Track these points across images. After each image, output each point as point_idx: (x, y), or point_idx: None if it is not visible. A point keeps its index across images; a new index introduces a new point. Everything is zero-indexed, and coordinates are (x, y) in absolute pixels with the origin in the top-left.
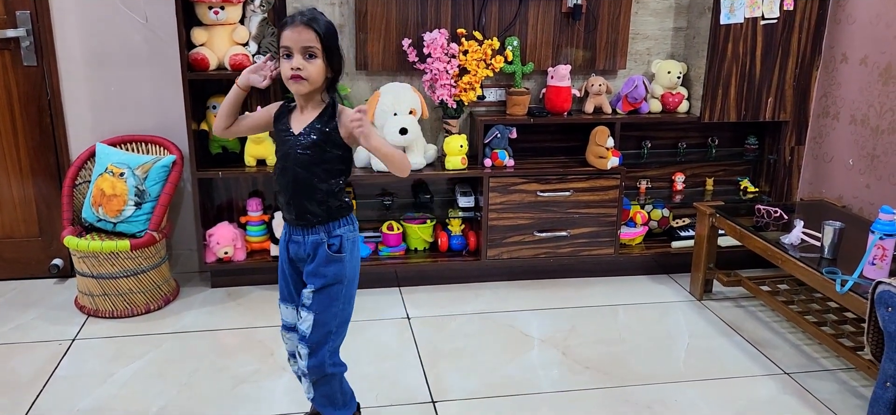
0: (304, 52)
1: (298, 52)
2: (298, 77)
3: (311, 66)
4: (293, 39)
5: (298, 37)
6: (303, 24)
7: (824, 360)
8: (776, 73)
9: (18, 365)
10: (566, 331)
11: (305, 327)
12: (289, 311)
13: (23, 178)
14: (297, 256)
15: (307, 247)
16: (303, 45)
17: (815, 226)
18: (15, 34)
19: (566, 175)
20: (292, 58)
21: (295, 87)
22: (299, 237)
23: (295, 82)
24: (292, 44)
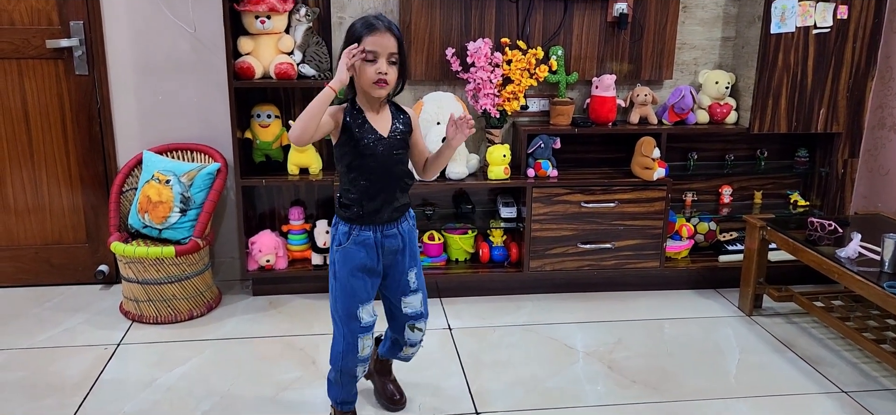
0: (389, 58)
1: (384, 57)
2: (383, 82)
3: (393, 72)
4: (381, 45)
5: (385, 43)
6: (388, 31)
7: (884, 379)
8: (829, 84)
9: (65, 368)
10: (611, 344)
11: (419, 305)
12: (371, 309)
13: (72, 185)
14: (391, 249)
15: (404, 236)
16: (389, 51)
17: (872, 240)
18: (68, 44)
19: (611, 186)
20: (377, 62)
21: (378, 91)
22: (393, 230)
23: (378, 87)
24: (379, 49)
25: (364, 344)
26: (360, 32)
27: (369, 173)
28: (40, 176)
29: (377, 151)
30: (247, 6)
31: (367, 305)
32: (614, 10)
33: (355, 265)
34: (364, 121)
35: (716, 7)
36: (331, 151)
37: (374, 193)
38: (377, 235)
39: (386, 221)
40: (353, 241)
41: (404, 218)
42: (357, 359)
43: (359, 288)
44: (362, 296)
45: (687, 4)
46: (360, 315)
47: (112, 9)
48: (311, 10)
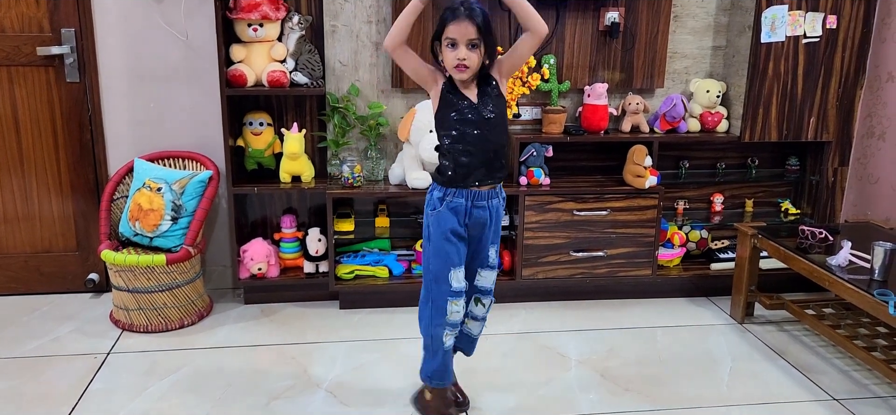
0: (469, 44)
1: (463, 44)
2: (463, 67)
3: (473, 56)
4: (459, 32)
5: (464, 30)
6: (467, 19)
7: (875, 386)
8: (819, 93)
9: (54, 378)
10: (604, 352)
11: (491, 282)
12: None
13: (62, 193)
14: (478, 221)
15: (493, 210)
16: (468, 38)
17: (862, 248)
18: (60, 51)
19: (603, 194)
20: (457, 48)
21: (458, 74)
22: (483, 202)
23: (459, 71)
24: (458, 36)
25: (452, 308)
26: (444, 21)
27: (464, 137)
28: (30, 184)
29: (470, 116)
30: (239, 14)
31: (457, 270)
32: (606, 19)
33: (448, 228)
34: (456, 89)
35: (707, 16)
36: (323, 160)
37: (469, 156)
38: (467, 203)
39: (477, 186)
40: (446, 206)
41: (494, 193)
42: (445, 322)
43: (451, 252)
44: (455, 260)
45: (678, 14)
46: (450, 279)
47: (104, 16)
48: (304, 18)
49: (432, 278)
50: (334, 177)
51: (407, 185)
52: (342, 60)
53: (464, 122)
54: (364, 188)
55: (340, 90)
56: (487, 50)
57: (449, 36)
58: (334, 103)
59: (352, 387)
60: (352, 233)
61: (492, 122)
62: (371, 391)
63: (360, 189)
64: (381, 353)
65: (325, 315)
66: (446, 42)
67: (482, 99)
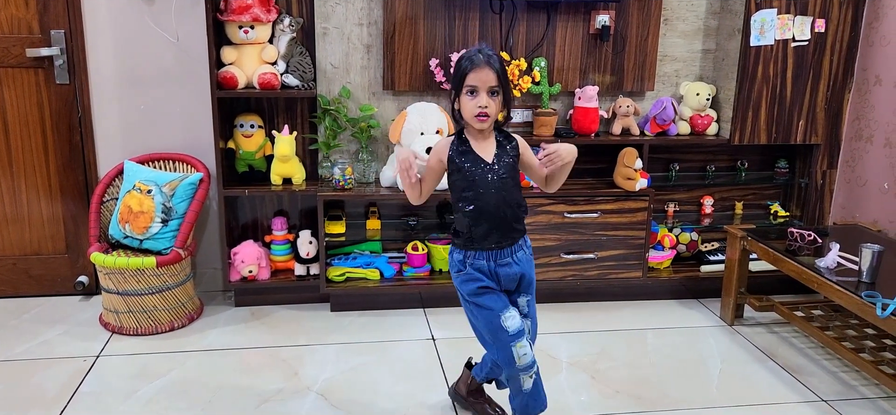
0: (489, 91)
1: (484, 91)
2: (484, 116)
3: (494, 104)
4: (481, 80)
5: (485, 78)
6: (487, 65)
7: (863, 387)
8: (807, 96)
9: (43, 381)
10: (595, 354)
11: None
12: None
13: (51, 195)
14: (506, 277)
15: (520, 263)
16: (489, 85)
17: (850, 250)
18: (49, 53)
19: (594, 196)
20: (477, 95)
21: (479, 124)
22: (507, 259)
23: (480, 120)
24: (479, 84)
25: (518, 353)
26: (464, 71)
27: (477, 200)
28: (19, 185)
29: (484, 178)
30: (230, 16)
31: (506, 312)
32: (596, 23)
33: (478, 285)
34: (469, 150)
35: (696, 20)
36: (314, 162)
37: (482, 220)
38: (491, 264)
39: (497, 248)
40: (469, 266)
41: (519, 246)
42: (516, 369)
43: (491, 302)
44: (499, 305)
45: (668, 17)
46: (504, 324)
47: (94, 18)
48: (295, 20)
49: (490, 335)
50: (325, 179)
51: (398, 187)
52: (333, 63)
53: (477, 185)
54: (355, 190)
55: (331, 92)
56: (505, 98)
57: (469, 84)
58: (325, 105)
59: (342, 390)
60: (343, 235)
61: (507, 182)
62: (362, 394)
63: (351, 191)
64: (372, 355)
65: (316, 318)
66: (466, 90)
67: (499, 157)
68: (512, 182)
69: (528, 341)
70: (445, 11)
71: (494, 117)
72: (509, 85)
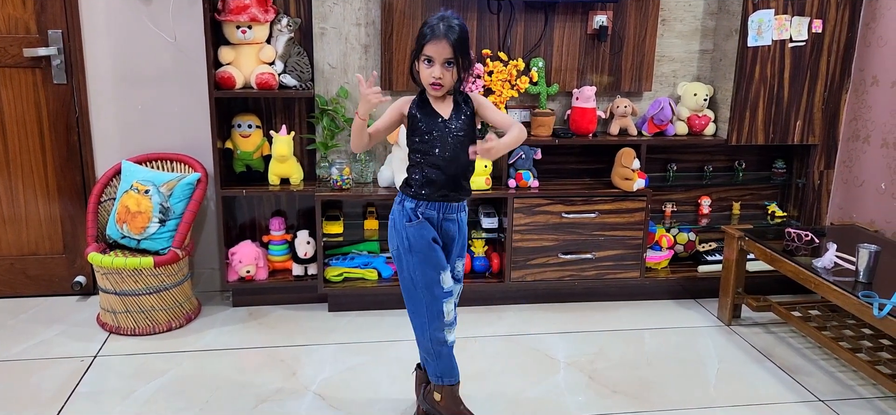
0: (444, 63)
1: (439, 63)
2: (438, 85)
3: (448, 74)
4: (437, 51)
5: (441, 50)
6: (444, 38)
7: (860, 387)
8: (805, 96)
9: (41, 381)
10: (592, 355)
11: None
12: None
13: (49, 195)
14: (448, 233)
15: (461, 223)
16: (444, 57)
17: (847, 250)
18: (46, 52)
19: (591, 197)
20: (433, 65)
21: (434, 91)
22: (454, 215)
23: (434, 88)
24: (435, 55)
25: (447, 309)
26: (423, 38)
27: (432, 153)
28: (17, 186)
29: (440, 133)
30: (228, 16)
31: (445, 272)
32: (594, 23)
33: (430, 236)
34: (428, 106)
35: (694, 20)
36: (312, 162)
37: (436, 172)
38: (439, 215)
39: (447, 201)
40: (422, 215)
41: (462, 207)
42: (443, 323)
43: (439, 256)
44: (443, 263)
45: (666, 18)
46: (442, 281)
47: (91, 18)
48: (293, 21)
49: (423, 287)
50: (323, 179)
51: (396, 187)
52: (331, 63)
53: (433, 139)
54: (353, 191)
55: (329, 92)
56: (463, 67)
57: (426, 54)
58: (323, 105)
59: (340, 390)
60: (340, 235)
61: (461, 140)
62: (360, 394)
63: (348, 191)
64: (369, 355)
65: (314, 318)
66: (423, 58)
67: (455, 116)
68: (465, 140)
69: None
70: (442, 11)
71: (448, 87)
72: (468, 54)
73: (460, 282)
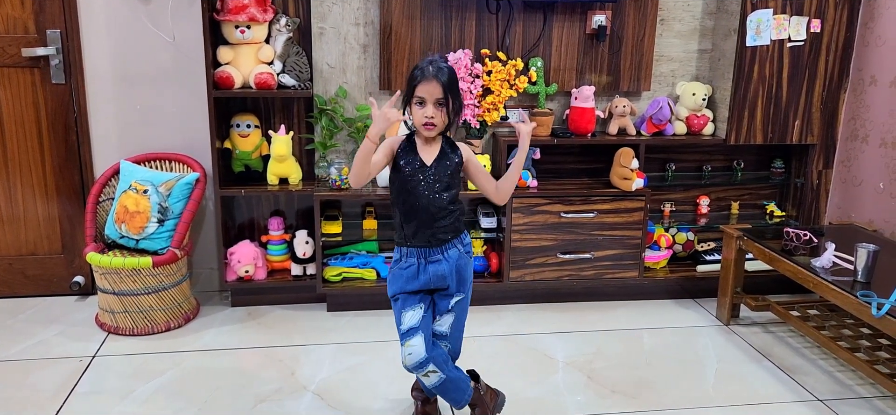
0: (436, 103)
1: (431, 103)
2: (430, 125)
3: (440, 115)
4: (428, 92)
5: (432, 90)
6: (435, 78)
7: (859, 387)
8: (803, 96)
9: (39, 381)
10: (591, 354)
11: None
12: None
13: (47, 195)
14: (436, 274)
15: (451, 260)
16: (436, 97)
17: (846, 249)
18: (45, 52)
19: (590, 196)
20: (425, 106)
21: (426, 132)
22: (437, 255)
23: (426, 129)
24: (427, 95)
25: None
26: (414, 80)
27: (407, 198)
28: (15, 185)
29: (416, 179)
30: (226, 16)
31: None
32: (593, 23)
33: (396, 290)
34: (413, 151)
35: (693, 20)
36: (311, 162)
37: (411, 218)
38: (421, 262)
39: (426, 246)
40: (399, 267)
41: (452, 244)
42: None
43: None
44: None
45: (664, 17)
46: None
47: (90, 17)
48: (292, 20)
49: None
50: (322, 179)
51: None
52: (330, 63)
53: (410, 183)
54: (351, 190)
55: (328, 92)
56: (453, 107)
57: (418, 95)
58: (322, 105)
59: (339, 390)
60: (339, 235)
61: (442, 184)
62: (358, 394)
63: (347, 191)
64: (368, 355)
65: (313, 318)
66: (415, 100)
67: (439, 163)
68: (443, 187)
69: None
70: (441, 11)
71: (441, 127)
72: (458, 95)
73: (452, 312)
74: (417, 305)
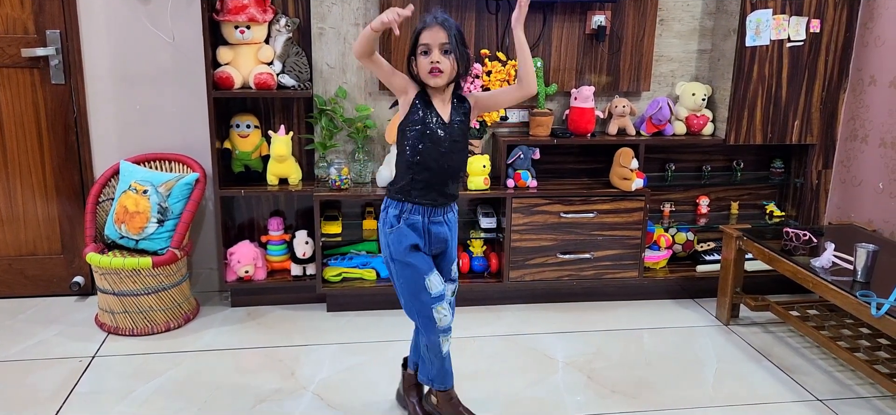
0: (441, 49)
1: (436, 48)
2: (437, 71)
3: (446, 60)
4: (432, 37)
5: (436, 35)
6: (439, 25)
7: (858, 387)
8: (802, 96)
9: (39, 381)
10: (591, 354)
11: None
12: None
13: (47, 195)
14: (438, 236)
15: (450, 224)
16: (440, 42)
17: (845, 249)
18: (44, 52)
19: (590, 196)
20: (430, 54)
21: (433, 80)
22: (440, 218)
23: (433, 76)
24: (431, 41)
25: (439, 315)
26: (417, 32)
27: (425, 152)
28: (15, 186)
29: (436, 132)
30: (226, 16)
31: (430, 275)
32: (592, 23)
33: (409, 243)
34: (430, 104)
35: (692, 20)
36: (310, 162)
37: (425, 173)
38: (425, 220)
39: (434, 205)
40: (404, 222)
41: (450, 208)
42: (437, 330)
43: (419, 261)
44: (424, 267)
45: (664, 18)
46: (427, 286)
47: (89, 18)
48: (291, 21)
49: (409, 295)
50: (321, 179)
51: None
52: (329, 63)
53: (429, 137)
54: (351, 191)
55: (328, 92)
56: (461, 61)
57: (422, 43)
58: (322, 106)
59: (339, 390)
60: (339, 235)
61: (458, 144)
62: (358, 394)
63: (347, 191)
64: (368, 355)
65: (313, 318)
66: (420, 50)
67: (454, 116)
68: (460, 145)
69: (449, 304)
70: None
71: (448, 75)
72: (464, 47)
73: (455, 282)
74: (434, 271)
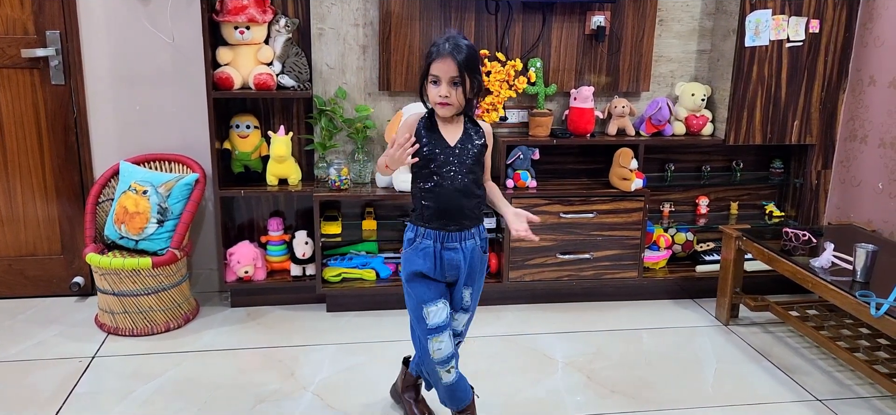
0: (451, 82)
1: (446, 81)
2: (445, 103)
3: (455, 94)
4: (442, 70)
5: (447, 68)
6: (449, 56)
7: (858, 387)
8: (802, 97)
9: (38, 381)
10: (591, 354)
11: (462, 324)
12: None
13: (47, 196)
14: (451, 263)
15: (467, 251)
16: (450, 75)
17: (845, 249)
18: (44, 53)
19: (589, 197)
20: (440, 85)
21: (441, 111)
22: (454, 243)
23: (442, 108)
24: (441, 74)
25: (434, 347)
26: (429, 58)
27: (432, 180)
28: (15, 186)
29: (444, 159)
30: (226, 16)
31: (430, 305)
32: (592, 23)
33: (413, 270)
34: (435, 130)
35: (692, 20)
36: (310, 163)
37: (435, 200)
38: (437, 246)
39: (447, 230)
40: (414, 248)
41: (469, 235)
42: (432, 362)
43: (419, 289)
44: (426, 296)
45: (663, 18)
46: (425, 315)
47: (89, 18)
48: (291, 21)
49: (413, 318)
50: (321, 180)
51: (394, 188)
52: (329, 63)
53: (435, 164)
54: (351, 191)
55: (327, 93)
56: (472, 86)
57: (432, 73)
58: (321, 106)
59: (339, 390)
60: (339, 236)
61: (464, 169)
62: (358, 394)
63: (347, 192)
64: (368, 355)
65: (312, 318)
66: (430, 79)
67: (463, 143)
68: (470, 171)
69: (449, 336)
70: (441, 12)
71: (456, 107)
72: (476, 74)
73: (468, 311)
74: (439, 301)
